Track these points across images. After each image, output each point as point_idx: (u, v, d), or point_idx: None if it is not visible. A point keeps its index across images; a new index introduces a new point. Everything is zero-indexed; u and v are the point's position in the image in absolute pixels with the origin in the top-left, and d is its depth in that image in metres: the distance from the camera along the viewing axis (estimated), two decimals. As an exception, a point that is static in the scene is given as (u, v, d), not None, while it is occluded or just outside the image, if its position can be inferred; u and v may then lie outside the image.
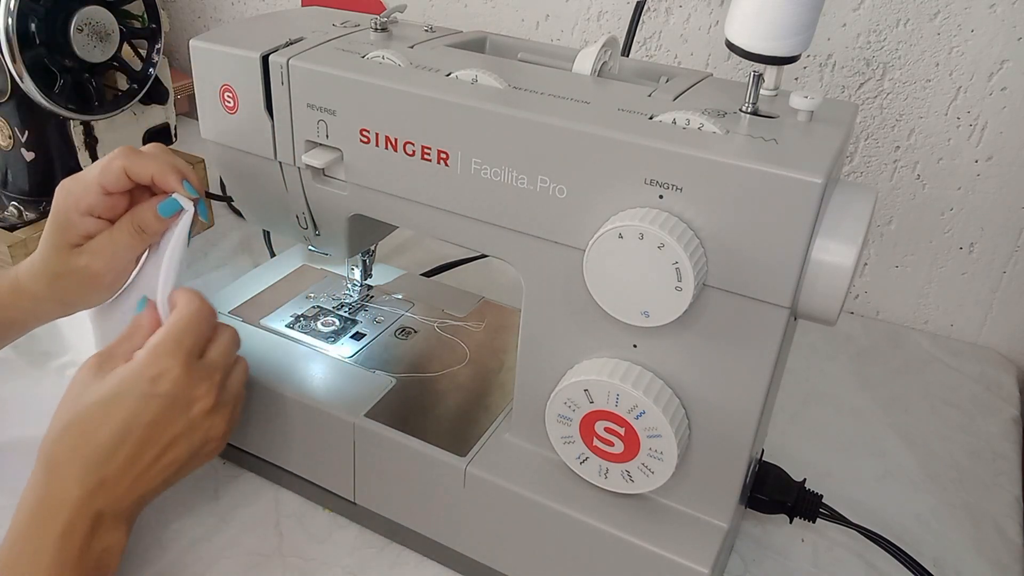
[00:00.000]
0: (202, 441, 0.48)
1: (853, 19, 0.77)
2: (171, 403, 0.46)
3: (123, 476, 0.45)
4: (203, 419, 0.47)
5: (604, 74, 0.49)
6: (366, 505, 0.56)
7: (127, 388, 0.45)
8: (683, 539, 0.47)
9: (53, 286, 0.52)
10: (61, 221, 0.50)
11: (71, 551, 0.43)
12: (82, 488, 0.44)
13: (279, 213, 0.57)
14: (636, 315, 0.41)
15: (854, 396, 0.74)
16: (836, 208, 0.40)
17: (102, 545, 0.44)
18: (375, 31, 0.54)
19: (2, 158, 0.78)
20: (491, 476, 0.50)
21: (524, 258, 0.47)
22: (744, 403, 0.44)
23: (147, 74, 0.80)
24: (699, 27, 0.84)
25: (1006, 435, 0.70)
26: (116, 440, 0.44)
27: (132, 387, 0.45)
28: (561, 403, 0.46)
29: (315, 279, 0.69)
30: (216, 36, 0.53)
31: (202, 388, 0.47)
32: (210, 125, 0.55)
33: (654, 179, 0.40)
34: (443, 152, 0.46)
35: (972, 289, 0.82)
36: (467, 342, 0.62)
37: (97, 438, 0.44)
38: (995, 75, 0.73)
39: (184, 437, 0.46)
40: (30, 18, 0.69)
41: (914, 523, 0.61)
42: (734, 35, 0.42)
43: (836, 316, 0.41)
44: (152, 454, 0.45)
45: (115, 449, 0.44)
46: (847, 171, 0.82)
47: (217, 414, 0.48)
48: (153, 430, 0.45)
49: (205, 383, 0.47)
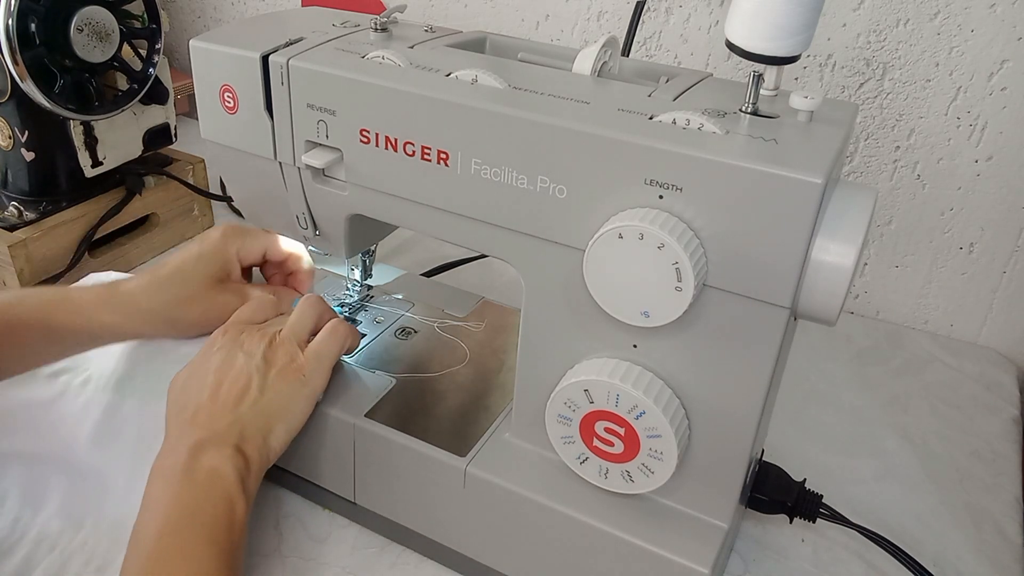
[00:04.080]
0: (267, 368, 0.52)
1: (853, 19, 0.77)
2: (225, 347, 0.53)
3: (211, 411, 0.50)
4: (256, 346, 0.53)
5: (604, 74, 0.49)
6: (366, 505, 0.56)
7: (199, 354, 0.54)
8: (683, 539, 0.47)
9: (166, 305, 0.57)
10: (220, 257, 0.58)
11: (176, 485, 0.47)
12: (176, 431, 0.50)
13: (279, 213, 0.57)
14: (636, 315, 0.41)
15: (854, 396, 0.74)
16: (836, 208, 0.40)
17: (207, 472, 0.47)
18: (375, 31, 0.54)
19: (2, 158, 0.78)
20: (491, 476, 0.50)
21: (524, 258, 0.47)
22: (744, 403, 0.44)
23: (147, 74, 0.80)
24: (699, 27, 0.84)
25: (1006, 435, 0.70)
26: (196, 384, 0.52)
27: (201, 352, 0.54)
28: (561, 403, 0.46)
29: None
30: (216, 36, 0.53)
31: (247, 330, 0.55)
32: (210, 125, 0.55)
33: (654, 179, 0.40)
34: (443, 152, 0.46)
35: (972, 289, 0.82)
36: (467, 342, 0.62)
37: (182, 392, 0.52)
38: (995, 75, 0.73)
39: (246, 365, 0.52)
40: (30, 18, 0.69)
41: (914, 523, 0.61)
42: (734, 35, 0.42)
43: (836, 316, 0.41)
44: (229, 388, 0.51)
45: (197, 391, 0.51)
46: (847, 171, 0.82)
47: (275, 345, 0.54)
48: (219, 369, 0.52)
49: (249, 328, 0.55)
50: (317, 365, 0.54)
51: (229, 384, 0.51)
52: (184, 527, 0.45)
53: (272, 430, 0.51)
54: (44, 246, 0.76)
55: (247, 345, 0.53)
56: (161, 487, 0.47)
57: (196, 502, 0.46)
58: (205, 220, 0.92)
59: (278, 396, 0.52)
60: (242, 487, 0.48)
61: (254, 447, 0.50)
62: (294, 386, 0.53)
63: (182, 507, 0.46)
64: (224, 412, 0.50)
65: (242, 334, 0.54)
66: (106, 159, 0.81)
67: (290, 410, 0.52)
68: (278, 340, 0.54)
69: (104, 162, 0.81)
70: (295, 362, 0.53)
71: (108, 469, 0.55)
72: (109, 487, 0.55)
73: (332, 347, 0.55)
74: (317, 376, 0.54)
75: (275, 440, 0.51)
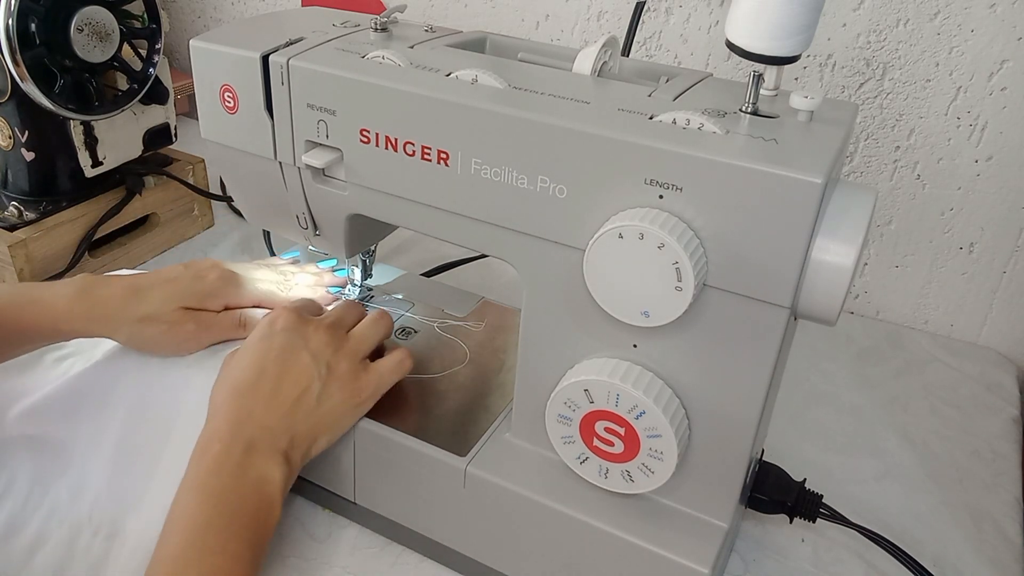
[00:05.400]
0: (329, 380, 0.52)
1: (853, 19, 0.77)
2: (289, 337, 0.53)
3: (268, 408, 0.50)
4: (323, 349, 0.53)
5: (604, 74, 0.49)
6: (366, 505, 0.56)
7: (257, 333, 0.54)
8: (683, 539, 0.47)
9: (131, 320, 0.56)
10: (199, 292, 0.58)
11: (225, 477, 0.47)
12: (231, 417, 0.49)
13: (279, 213, 0.57)
14: (636, 315, 0.41)
15: (854, 396, 0.74)
16: (836, 208, 0.40)
17: (257, 473, 0.47)
18: (375, 31, 0.54)
19: (2, 158, 0.78)
20: (491, 476, 0.50)
21: (524, 258, 0.47)
22: (744, 403, 0.44)
23: (147, 74, 0.80)
24: (699, 27, 0.84)
25: (1006, 435, 0.70)
26: (255, 372, 0.51)
27: (259, 331, 0.54)
28: (561, 403, 0.46)
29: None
30: (216, 36, 0.53)
31: (312, 324, 0.54)
32: (210, 125, 0.55)
33: (654, 179, 0.40)
34: (443, 152, 0.46)
35: (972, 289, 0.82)
36: (467, 342, 0.62)
37: (240, 374, 0.51)
38: (995, 75, 0.73)
39: (310, 368, 0.52)
40: (30, 18, 0.69)
41: (914, 523, 0.61)
42: (734, 35, 0.42)
43: (836, 316, 0.41)
44: (289, 388, 0.51)
45: (256, 381, 0.51)
46: (847, 171, 0.82)
47: (341, 354, 0.53)
48: (282, 361, 0.51)
49: (314, 322, 0.55)
50: (375, 392, 0.54)
51: (291, 384, 0.51)
52: (224, 526, 0.45)
53: (317, 440, 0.51)
54: (44, 246, 0.76)
55: (314, 343, 0.53)
56: (209, 477, 0.47)
57: (241, 502, 0.46)
58: (205, 220, 0.92)
59: (332, 410, 0.52)
60: (282, 494, 0.48)
61: (298, 454, 0.50)
62: (348, 404, 0.53)
63: (227, 504, 0.46)
64: (280, 413, 0.50)
65: (308, 326, 0.54)
66: (106, 159, 0.81)
67: (338, 425, 0.53)
68: (345, 350, 0.54)
69: (104, 162, 0.81)
70: (357, 381, 0.53)
71: (108, 443, 0.56)
72: (113, 460, 0.56)
73: (394, 377, 0.56)
74: (372, 401, 0.54)
75: (315, 450, 0.52)
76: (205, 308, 0.58)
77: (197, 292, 0.58)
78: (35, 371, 0.60)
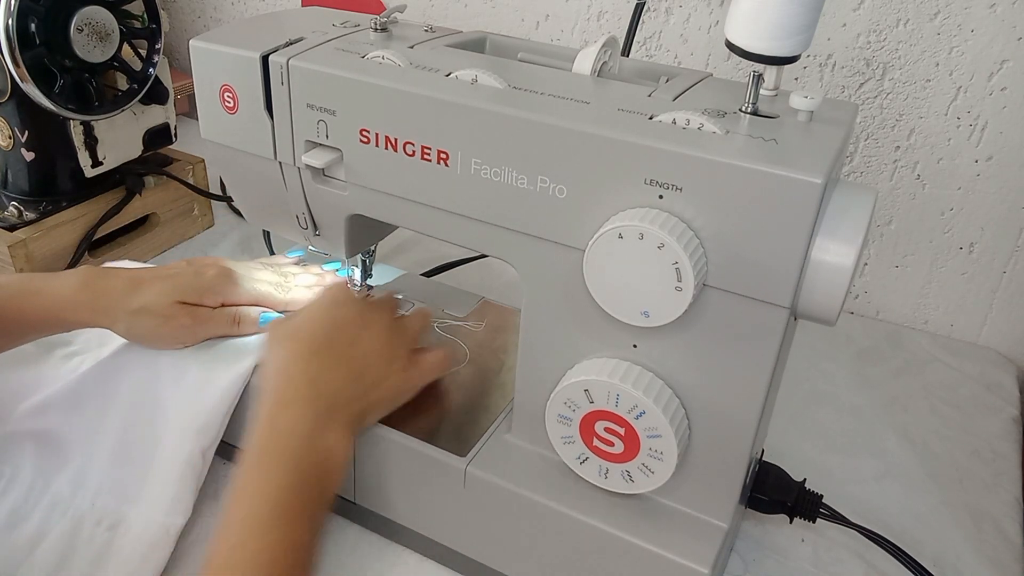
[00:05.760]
0: (391, 358, 0.52)
1: (853, 19, 0.77)
2: (360, 309, 0.53)
3: (339, 374, 0.49)
4: (390, 328, 0.53)
5: (604, 74, 0.49)
6: (366, 505, 0.56)
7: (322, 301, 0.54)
8: (683, 539, 0.47)
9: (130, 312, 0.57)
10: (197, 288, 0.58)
11: (299, 442, 0.46)
12: (308, 383, 0.48)
13: (279, 213, 0.57)
14: (636, 315, 0.41)
15: (854, 396, 0.74)
16: (836, 208, 0.40)
17: (325, 444, 0.47)
18: (375, 31, 0.54)
19: (2, 158, 0.78)
20: (491, 476, 0.50)
21: (524, 258, 0.47)
22: (744, 403, 0.44)
23: (147, 74, 0.80)
24: (699, 27, 0.84)
25: (1006, 435, 0.70)
26: (325, 338, 0.51)
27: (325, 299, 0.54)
28: (561, 403, 0.46)
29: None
30: (216, 36, 0.53)
31: (374, 303, 0.55)
32: (210, 125, 0.55)
33: (654, 179, 0.40)
34: (443, 152, 0.46)
35: (972, 289, 0.82)
36: (467, 342, 0.62)
37: (309, 337, 0.51)
38: (995, 75, 0.73)
39: (379, 343, 0.52)
40: (30, 18, 0.69)
41: (914, 523, 0.61)
42: (734, 35, 0.42)
43: (836, 316, 0.41)
44: (359, 359, 0.51)
45: (328, 345, 0.50)
46: (847, 171, 0.82)
47: (404, 337, 0.54)
48: (353, 332, 0.51)
49: (374, 301, 0.56)
50: (420, 381, 0.54)
51: (360, 355, 0.51)
52: (295, 499, 0.44)
53: (366, 417, 0.51)
54: (44, 246, 0.76)
55: (381, 321, 0.53)
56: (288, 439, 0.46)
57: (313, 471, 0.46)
58: (205, 220, 0.92)
59: (389, 388, 0.52)
60: (344, 465, 0.48)
61: (357, 427, 0.50)
62: (402, 387, 0.53)
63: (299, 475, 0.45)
64: (350, 380, 0.50)
65: (371, 304, 0.54)
66: (106, 159, 0.81)
67: (387, 406, 0.53)
68: (407, 335, 0.55)
69: (104, 162, 0.81)
70: (412, 367, 0.53)
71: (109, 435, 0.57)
72: (113, 452, 0.56)
73: (437, 372, 0.56)
74: (416, 390, 0.54)
75: (364, 425, 0.52)
76: (202, 304, 0.58)
77: (195, 287, 0.58)
78: (43, 368, 0.61)
